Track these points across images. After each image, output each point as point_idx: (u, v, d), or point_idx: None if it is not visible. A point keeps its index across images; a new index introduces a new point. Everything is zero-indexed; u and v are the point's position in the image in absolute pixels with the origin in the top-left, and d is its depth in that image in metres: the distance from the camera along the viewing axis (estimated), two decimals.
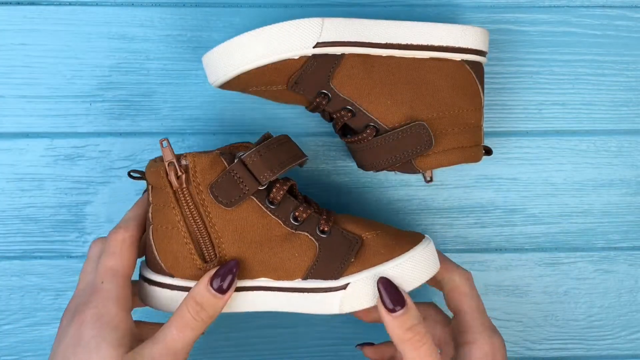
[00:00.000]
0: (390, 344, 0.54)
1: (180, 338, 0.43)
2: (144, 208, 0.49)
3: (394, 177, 0.58)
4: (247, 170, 0.46)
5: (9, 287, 0.57)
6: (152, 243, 0.47)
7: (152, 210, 0.47)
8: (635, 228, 0.59)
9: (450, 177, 0.58)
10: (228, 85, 0.50)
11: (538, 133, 0.58)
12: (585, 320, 0.60)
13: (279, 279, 0.47)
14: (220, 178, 0.46)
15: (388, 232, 0.48)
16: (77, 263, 0.57)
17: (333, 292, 0.46)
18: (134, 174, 0.49)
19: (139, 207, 0.49)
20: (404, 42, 0.49)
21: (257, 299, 0.47)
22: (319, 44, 0.48)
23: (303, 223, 0.47)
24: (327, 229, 0.47)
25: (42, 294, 0.57)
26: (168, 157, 0.45)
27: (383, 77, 0.49)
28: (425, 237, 0.49)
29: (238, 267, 0.45)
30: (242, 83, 0.49)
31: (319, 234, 0.47)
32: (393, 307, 0.44)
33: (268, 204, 0.47)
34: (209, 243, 0.46)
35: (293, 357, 0.59)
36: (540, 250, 0.59)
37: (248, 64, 0.48)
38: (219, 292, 0.44)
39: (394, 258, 0.46)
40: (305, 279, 0.47)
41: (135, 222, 0.48)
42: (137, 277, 0.49)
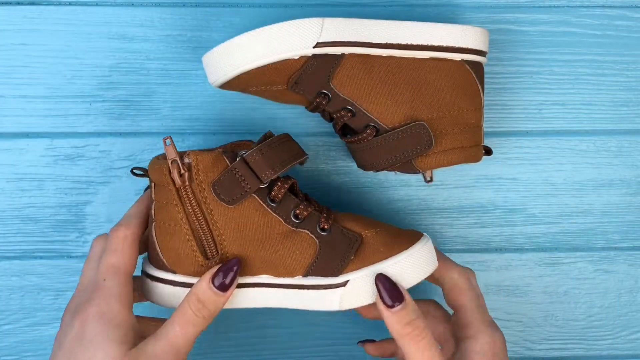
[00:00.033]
0: (392, 341, 0.54)
1: (183, 334, 0.44)
2: (146, 205, 0.49)
3: (394, 177, 0.58)
4: (249, 169, 0.46)
5: (9, 287, 0.57)
6: (154, 240, 0.47)
7: (154, 208, 0.47)
8: (635, 228, 0.59)
9: (450, 177, 0.58)
10: (228, 85, 0.50)
11: (538, 133, 0.58)
12: (585, 320, 0.60)
13: (280, 276, 0.47)
14: (223, 176, 0.46)
15: (387, 230, 0.49)
16: (77, 263, 0.57)
17: (333, 289, 0.46)
18: (137, 172, 0.49)
19: (141, 204, 0.49)
20: (404, 42, 0.49)
21: (258, 296, 0.47)
22: (319, 44, 0.48)
23: (304, 221, 0.47)
24: (327, 227, 0.47)
25: (42, 294, 0.57)
26: (171, 155, 0.46)
27: (383, 77, 0.49)
28: (424, 235, 0.49)
29: (239, 265, 0.46)
30: (242, 83, 0.49)
31: (320, 232, 0.47)
32: (392, 303, 0.45)
33: (269, 202, 0.47)
34: (211, 240, 0.46)
35: (293, 357, 0.59)
36: (540, 250, 0.59)
37: (248, 64, 0.48)
38: (221, 289, 0.45)
39: (393, 256, 0.47)
40: (306, 276, 0.47)
41: (137, 219, 0.48)
42: (137, 273, 0.49)
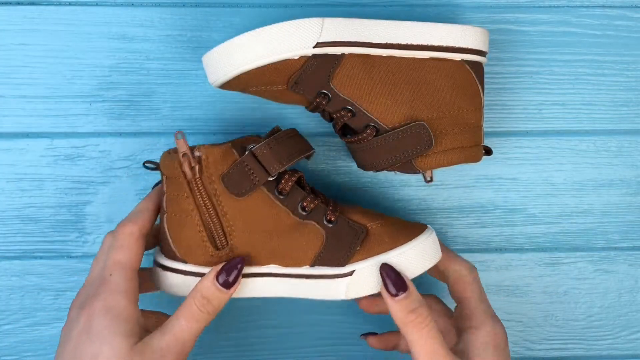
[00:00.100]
0: (394, 333, 0.55)
1: (188, 329, 0.45)
2: (154, 202, 0.50)
3: (394, 177, 0.58)
4: (257, 162, 0.47)
5: (9, 287, 0.57)
6: (166, 231, 0.48)
7: (166, 200, 0.48)
8: (635, 228, 0.59)
9: (450, 177, 0.58)
10: (228, 85, 0.50)
11: (538, 133, 0.58)
12: (585, 320, 0.60)
13: (288, 266, 0.48)
14: (232, 169, 0.47)
15: (392, 222, 0.50)
16: (77, 263, 0.57)
17: (339, 278, 0.48)
18: (149, 165, 0.50)
19: (149, 200, 0.50)
20: (404, 42, 0.49)
21: (265, 285, 0.49)
22: (319, 44, 0.48)
23: (311, 213, 0.48)
24: (333, 219, 0.49)
25: (42, 294, 0.57)
26: (182, 148, 0.47)
27: (383, 77, 0.49)
28: (428, 227, 0.51)
29: (243, 263, 0.47)
30: (242, 83, 0.49)
31: (326, 224, 0.48)
32: (396, 292, 0.46)
33: (277, 194, 0.48)
34: (221, 231, 0.48)
35: (293, 357, 0.59)
36: (540, 250, 0.59)
37: (248, 64, 0.48)
38: (225, 286, 0.46)
39: (398, 247, 0.48)
40: (313, 266, 0.48)
41: (144, 215, 0.49)
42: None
